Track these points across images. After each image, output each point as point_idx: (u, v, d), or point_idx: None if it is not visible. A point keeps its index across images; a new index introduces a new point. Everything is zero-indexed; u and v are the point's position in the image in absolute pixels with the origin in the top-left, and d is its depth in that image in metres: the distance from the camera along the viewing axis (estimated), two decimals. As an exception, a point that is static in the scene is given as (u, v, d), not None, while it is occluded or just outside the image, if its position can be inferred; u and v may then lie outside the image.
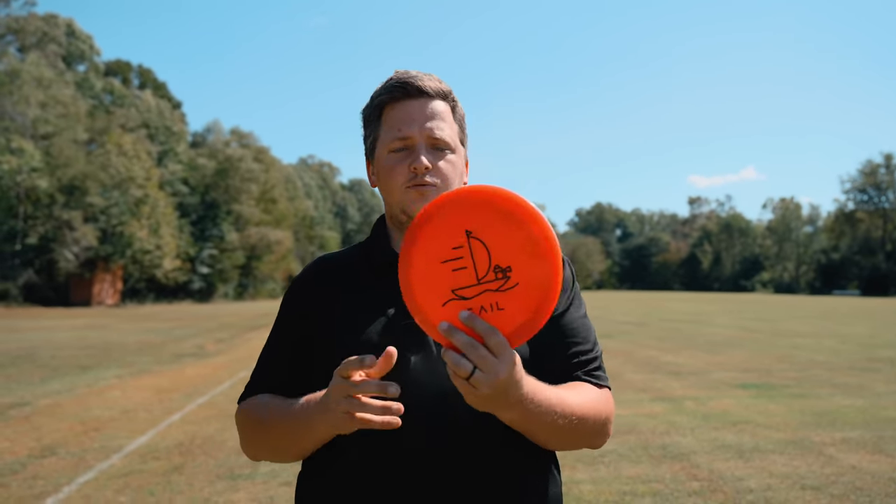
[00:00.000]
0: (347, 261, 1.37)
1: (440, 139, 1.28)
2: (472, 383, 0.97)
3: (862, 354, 13.11)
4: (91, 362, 11.98)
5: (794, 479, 4.94)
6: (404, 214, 1.29)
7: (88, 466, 5.36)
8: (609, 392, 1.32)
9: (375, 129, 1.33)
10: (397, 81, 1.29)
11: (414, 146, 1.27)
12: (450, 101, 1.33)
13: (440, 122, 1.29)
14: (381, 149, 1.31)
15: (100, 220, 40.04)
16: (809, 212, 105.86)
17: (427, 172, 1.26)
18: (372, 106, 1.33)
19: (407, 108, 1.28)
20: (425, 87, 1.28)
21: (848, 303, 47.18)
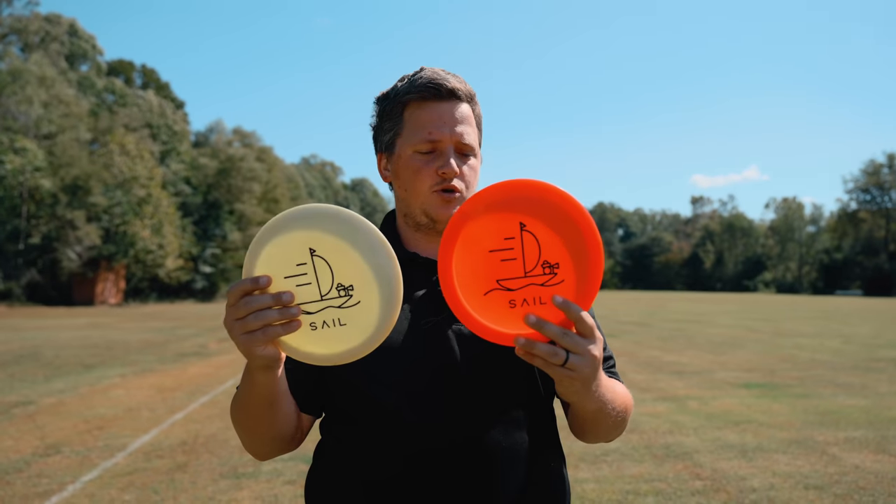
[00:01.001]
0: None
1: (468, 144, 1.27)
2: (570, 368, 0.98)
3: (865, 354, 13.09)
4: (94, 361, 12.00)
5: (798, 479, 4.93)
6: (426, 217, 1.29)
7: (93, 465, 5.38)
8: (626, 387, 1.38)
9: (397, 125, 1.30)
10: (429, 81, 1.26)
11: (443, 150, 1.26)
12: (473, 103, 1.32)
13: (468, 127, 1.28)
14: (405, 147, 1.28)
15: (103, 220, 40.07)
16: (812, 211, 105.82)
17: (455, 178, 1.26)
18: (395, 101, 1.30)
19: (438, 110, 1.26)
20: (457, 90, 1.27)
21: (851, 303, 47.12)
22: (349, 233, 1.00)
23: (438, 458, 1.18)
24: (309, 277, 1.01)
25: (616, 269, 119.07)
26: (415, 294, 1.26)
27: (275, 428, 1.19)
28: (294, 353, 1.04)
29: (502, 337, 1.01)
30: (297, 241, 1.00)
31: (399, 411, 1.19)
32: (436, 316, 1.23)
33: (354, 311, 1.01)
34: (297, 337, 1.02)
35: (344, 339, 1.02)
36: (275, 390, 1.12)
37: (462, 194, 1.27)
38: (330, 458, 1.28)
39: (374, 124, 1.36)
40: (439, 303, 1.24)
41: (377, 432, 1.20)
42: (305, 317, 1.01)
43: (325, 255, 1.00)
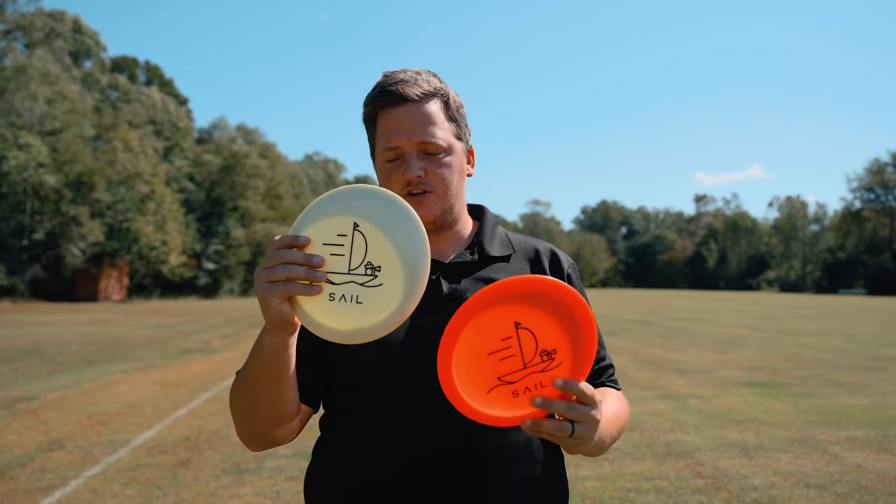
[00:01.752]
0: None
1: (430, 143, 1.26)
2: (577, 437, 1.04)
3: (868, 354, 13.08)
4: (97, 357, 12.04)
5: (799, 478, 4.94)
6: None
7: (96, 460, 5.40)
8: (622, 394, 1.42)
9: (372, 136, 1.33)
10: (381, 90, 1.27)
11: (405, 155, 1.26)
12: (440, 97, 1.29)
13: (429, 128, 1.26)
14: (378, 156, 1.30)
15: (106, 216, 40.17)
16: (816, 210, 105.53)
17: (420, 181, 1.26)
18: (366, 113, 1.32)
19: (394, 117, 1.26)
20: (408, 94, 1.25)
21: (854, 302, 47.03)
22: (395, 219, 1.03)
23: (438, 458, 1.18)
24: (344, 249, 1.03)
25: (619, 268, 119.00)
26: None
27: (277, 405, 1.16)
28: (306, 320, 1.04)
29: (509, 421, 1.06)
30: (348, 213, 1.04)
31: (398, 410, 1.20)
32: (436, 315, 1.24)
33: (375, 292, 1.02)
34: (314, 303, 1.04)
35: (356, 318, 1.03)
36: (283, 358, 1.10)
37: (435, 193, 1.27)
38: (329, 455, 1.29)
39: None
40: (439, 302, 1.25)
41: (376, 431, 1.20)
42: (327, 286, 1.03)
43: (365, 233, 1.03)
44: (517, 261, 1.37)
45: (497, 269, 1.34)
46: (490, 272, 1.33)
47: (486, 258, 1.34)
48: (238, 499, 4.50)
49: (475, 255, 1.33)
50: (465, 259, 1.32)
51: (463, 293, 1.27)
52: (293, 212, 64.87)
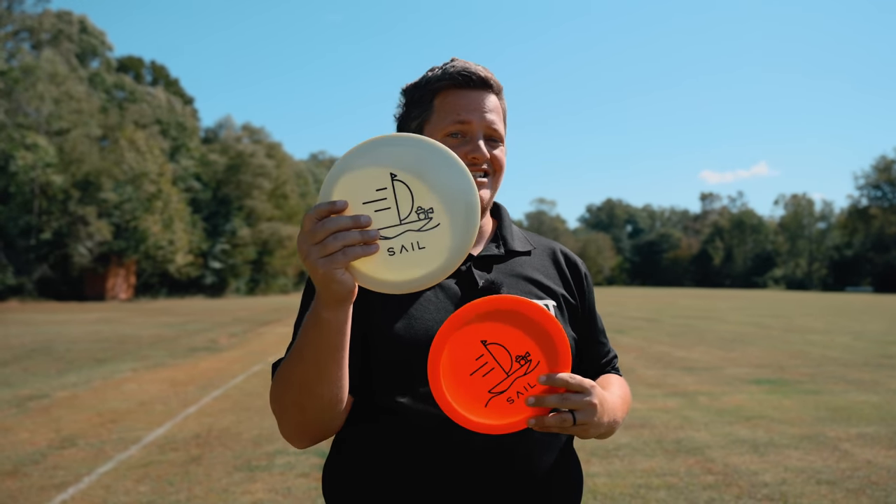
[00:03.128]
0: None
1: (497, 131, 1.31)
2: (580, 424, 1.08)
3: (876, 351, 13.03)
4: (106, 355, 12.10)
5: (810, 474, 4.93)
6: None
7: (108, 457, 5.43)
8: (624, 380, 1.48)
9: (425, 112, 1.33)
10: (463, 70, 1.30)
11: (473, 134, 1.29)
12: (501, 96, 1.36)
13: (496, 116, 1.32)
14: (434, 132, 1.31)
15: (113, 216, 40.32)
16: (822, 208, 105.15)
17: (485, 161, 1.29)
18: (426, 89, 1.33)
19: (469, 97, 1.30)
20: (488, 80, 1.31)
21: (861, 299, 46.85)
22: (431, 158, 1.02)
23: (472, 447, 1.19)
24: (388, 202, 1.02)
25: (625, 266, 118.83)
26: (453, 282, 1.30)
27: (337, 389, 1.14)
28: (370, 282, 1.03)
29: (516, 425, 1.10)
30: (378, 166, 1.02)
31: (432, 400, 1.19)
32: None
33: (434, 233, 1.02)
34: (374, 263, 1.02)
35: (422, 263, 1.02)
36: (344, 332, 1.08)
37: (491, 178, 1.32)
38: (357, 449, 1.27)
39: (401, 113, 1.38)
40: (475, 292, 1.28)
41: (418, 425, 1.20)
42: (383, 242, 1.01)
43: (405, 180, 1.02)
44: (538, 256, 1.43)
45: (521, 263, 1.39)
46: (515, 265, 1.38)
47: (510, 252, 1.39)
48: (249, 495, 4.52)
49: (501, 249, 1.38)
50: (493, 252, 1.37)
51: (499, 285, 1.30)
52: (299, 211, 64.98)
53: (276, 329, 19.14)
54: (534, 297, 1.32)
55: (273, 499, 4.46)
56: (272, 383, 1.22)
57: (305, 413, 1.17)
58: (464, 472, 1.19)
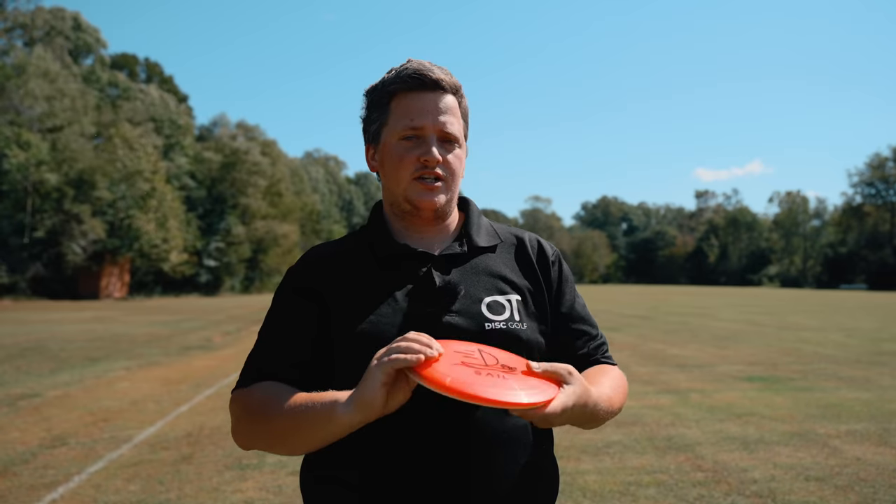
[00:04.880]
0: (346, 251, 1.37)
1: (451, 133, 1.30)
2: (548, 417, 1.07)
3: (868, 348, 13.09)
4: (99, 354, 12.07)
5: (799, 471, 4.95)
6: (408, 204, 1.32)
7: (98, 456, 5.42)
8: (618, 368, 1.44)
9: (383, 115, 1.34)
10: (414, 72, 1.30)
11: (425, 137, 1.29)
12: (459, 95, 1.35)
13: (451, 117, 1.31)
14: (389, 135, 1.32)
15: (107, 214, 40.21)
16: (816, 205, 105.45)
17: (437, 165, 1.29)
18: (382, 91, 1.34)
19: (421, 99, 1.30)
20: (441, 81, 1.30)
21: (855, 297, 47.03)
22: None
23: (435, 446, 1.19)
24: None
25: (620, 264, 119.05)
26: (407, 285, 1.29)
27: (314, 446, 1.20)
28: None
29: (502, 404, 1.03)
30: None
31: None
32: (431, 307, 1.26)
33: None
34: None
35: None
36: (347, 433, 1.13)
37: (444, 182, 1.31)
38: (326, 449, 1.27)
39: (364, 116, 1.39)
40: (432, 294, 1.27)
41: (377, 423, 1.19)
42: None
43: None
44: (504, 250, 1.41)
45: (486, 260, 1.37)
46: (479, 262, 1.36)
47: (474, 249, 1.37)
48: (240, 493, 4.52)
49: (464, 247, 1.36)
50: (455, 251, 1.35)
51: (456, 286, 1.29)
52: (293, 209, 64.92)
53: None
54: (496, 293, 1.31)
55: (264, 497, 4.45)
56: (241, 404, 1.25)
57: (271, 450, 1.26)
58: (422, 468, 1.19)
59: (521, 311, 1.31)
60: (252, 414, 1.22)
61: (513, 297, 1.32)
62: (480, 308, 1.27)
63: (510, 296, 1.32)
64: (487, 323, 1.26)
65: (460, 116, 1.34)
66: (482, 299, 1.29)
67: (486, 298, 1.29)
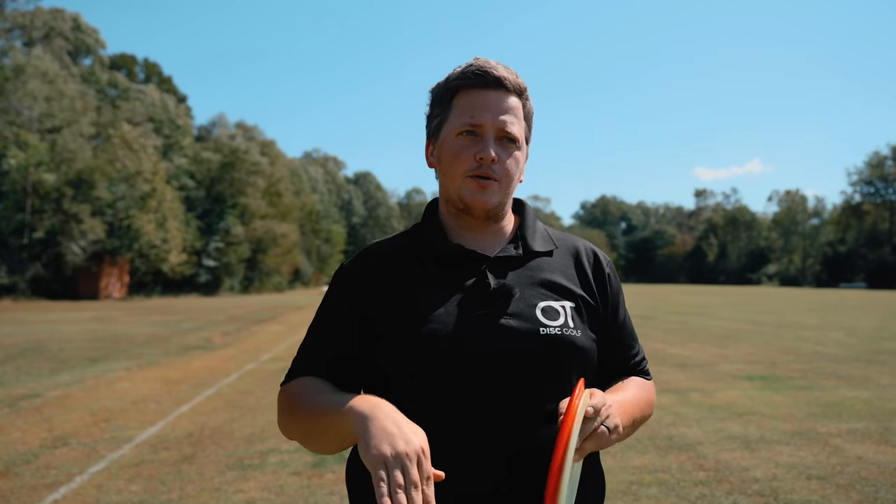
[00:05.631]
0: (400, 250, 1.35)
1: (510, 133, 1.28)
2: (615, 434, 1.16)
3: (868, 347, 13.10)
4: (99, 354, 12.07)
5: (800, 470, 4.96)
6: (461, 202, 1.30)
7: (100, 456, 5.42)
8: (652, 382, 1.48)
9: (445, 111, 1.32)
10: (478, 69, 1.28)
11: (483, 135, 1.27)
12: (524, 97, 1.33)
13: (512, 117, 1.29)
14: (448, 131, 1.30)
15: (107, 214, 40.16)
16: (815, 204, 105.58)
17: (492, 164, 1.27)
18: (445, 87, 1.32)
19: (483, 97, 1.28)
20: (504, 80, 1.28)
21: (854, 295, 47.07)
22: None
23: (488, 452, 1.16)
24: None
25: (619, 263, 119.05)
26: (461, 286, 1.27)
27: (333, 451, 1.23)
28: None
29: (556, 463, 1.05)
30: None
31: (450, 401, 1.18)
32: (484, 309, 1.24)
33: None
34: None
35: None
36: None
37: (499, 182, 1.28)
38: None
39: (427, 112, 1.39)
40: (487, 297, 1.25)
41: (427, 422, 1.15)
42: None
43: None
44: (560, 256, 1.38)
45: (541, 264, 1.34)
46: (534, 267, 1.34)
47: (529, 253, 1.34)
48: (242, 494, 4.52)
49: (519, 250, 1.34)
50: (510, 254, 1.32)
51: (511, 288, 1.26)
52: (293, 209, 64.91)
53: (270, 327, 19.13)
54: (549, 300, 1.29)
55: (266, 497, 4.46)
56: (283, 398, 1.30)
57: (305, 446, 1.27)
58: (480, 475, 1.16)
59: (574, 318, 1.29)
60: (286, 408, 1.27)
61: (567, 304, 1.30)
62: (535, 312, 1.25)
63: (564, 302, 1.30)
64: (542, 328, 1.24)
65: (522, 118, 1.32)
66: (537, 304, 1.27)
67: (541, 303, 1.27)
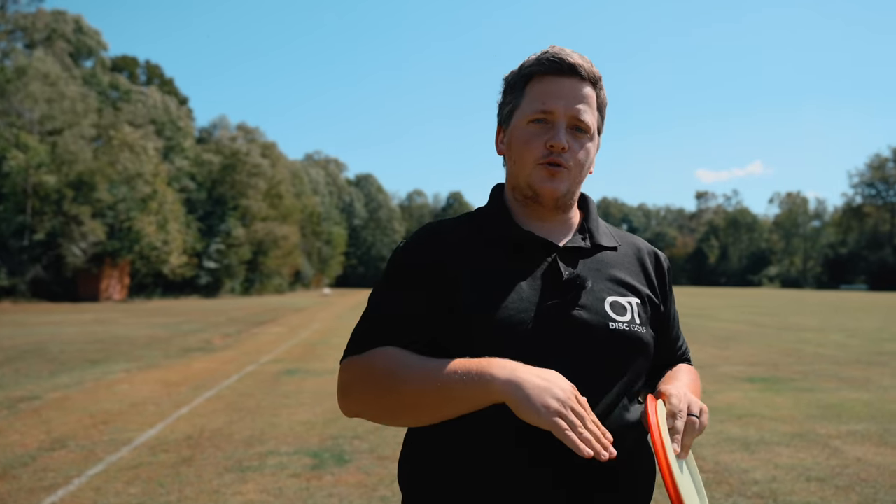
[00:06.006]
0: (467, 231, 1.32)
1: (583, 121, 1.27)
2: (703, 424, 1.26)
3: (869, 348, 13.08)
4: (99, 356, 12.06)
5: (800, 471, 4.95)
6: (530, 189, 1.29)
7: (98, 459, 5.41)
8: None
9: (517, 98, 1.31)
10: (553, 56, 1.27)
11: (555, 122, 1.26)
12: (598, 87, 1.32)
13: (585, 106, 1.27)
14: (520, 118, 1.29)
15: (108, 216, 40.18)
16: (816, 206, 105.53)
17: (563, 153, 1.26)
18: (519, 75, 1.32)
19: (556, 84, 1.27)
20: (579, 67, 1.27)
21: (855, 297, 47.03)
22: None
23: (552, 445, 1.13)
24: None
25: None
26: (533, 274, 1.25)
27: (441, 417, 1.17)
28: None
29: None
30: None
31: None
32: (556, 299, 1.23)
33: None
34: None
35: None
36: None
37: (569, 170, 1.27)
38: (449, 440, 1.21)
39: (500, 100, 1.38)
40: (560, 286, 1.24)
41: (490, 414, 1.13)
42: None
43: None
44: (623, 252, 1.39)
45: (607, 259, 1.35)
46: (601, 261, 1.34)
47: (597, 246, 1.35)
48: (241, 496, 4.51)
49: (587, 242, 1.34)
50: (580, 244, 1.32)
51: (584, 279, 1.26)
52: (294, 211, 64.91)
53: (271, 329, 19.12)
54: (617, 296, 1.29)
55: (264, 499, 4.45)
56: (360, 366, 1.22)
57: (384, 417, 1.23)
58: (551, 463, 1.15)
59: (640, 315, 1.29)
60: (369, 380, 1.20)
61: (633, 301, 1.30)
62: (604, 306, 1.25)
63: (631, 298, 1.30)
64: (612, 322, 1.24)
65: (595, 107, 1.31)
66: (605, 298, 1.27)
67: (609, 298, 1.27)
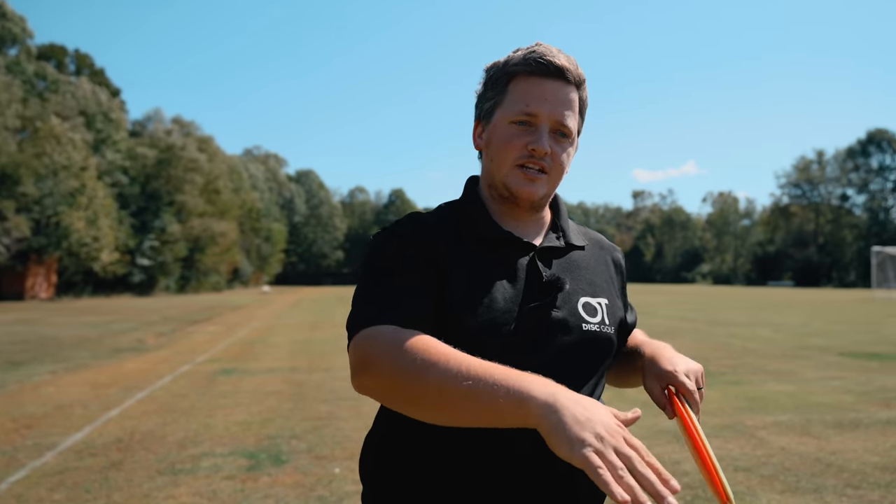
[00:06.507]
0: (449, 225, 1.29)
1: (566, 126, 1.26)
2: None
3: (794, 342, 13.67)
4: (23, 357, 11.54)
5: (728, 462, 5.13)
6: (506, 190, 1.28)
7: (20, 465, 5.18)
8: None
9: (499, 95, 1.29)
10: (540, 57, 1.24)
11: (538, 125, 1.24)
12: (582, 90, 1.30)
13: (569, 110, 1.26)
14: (501, 116, 1.27)
15: (33, 211, 38.49)
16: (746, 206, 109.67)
17: (545, 157, 1.25)
18: (503, 70, 1.29)
19: (541, 86, 1.25)
20: (565, 70, 1.25)
21: (782, 293, 49.09)
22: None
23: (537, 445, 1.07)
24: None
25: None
26: (513, 274, 1.24)
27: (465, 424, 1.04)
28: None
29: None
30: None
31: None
32: (539, 300, 1.22)
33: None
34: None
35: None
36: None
37: (548, 175, 1.27)
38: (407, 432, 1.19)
39: (479, 91, 1.35)
40: (541, 288, 1.23)
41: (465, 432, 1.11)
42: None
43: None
44: (591, 252, 1.40)
45: (578, 258, 1.35)
46: (573, 260, 1.34)
47: (569, 245, 1.35)
48: (173, 500, 4.39)
49: (561, 241, 1.34)
50: (555, 244, 1.32)
51: (563, 283, 1.26)
52: (232, 206, 63.58)
53: (207, 328, 18.69)
54: (589, 296, 1.29)
55: (197, 502, 4.34)
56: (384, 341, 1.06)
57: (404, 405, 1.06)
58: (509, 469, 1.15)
59: (609, 315, 1.30)
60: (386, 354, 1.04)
61: (602, 301, 1.31)
62: (578, 307, 1.25)
63: (600, 299, 1.31)
64: (584, 323, 1.24)
65: (577, 111, 1.29)
66: (578, 299, 1.27)
67: (582, 298, 1.27)
